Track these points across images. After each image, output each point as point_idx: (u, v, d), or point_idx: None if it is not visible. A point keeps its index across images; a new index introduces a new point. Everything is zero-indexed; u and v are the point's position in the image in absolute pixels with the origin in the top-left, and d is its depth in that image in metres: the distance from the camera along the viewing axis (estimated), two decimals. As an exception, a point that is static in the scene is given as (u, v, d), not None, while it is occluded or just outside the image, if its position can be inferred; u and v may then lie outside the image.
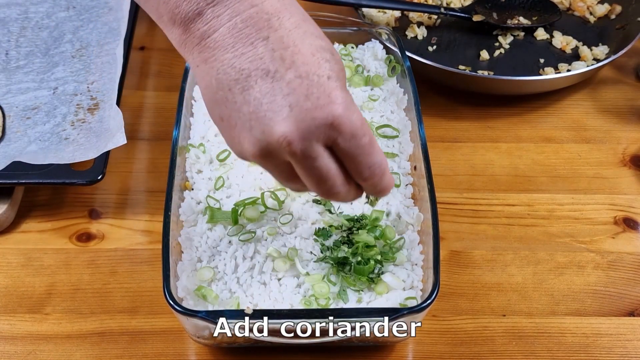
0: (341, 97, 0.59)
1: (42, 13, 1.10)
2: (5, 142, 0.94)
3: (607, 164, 1.00)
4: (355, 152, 0.61)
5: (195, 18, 0.60)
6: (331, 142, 0.60)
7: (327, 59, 0.60)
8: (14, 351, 0.80)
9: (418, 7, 1.12)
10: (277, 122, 0.58)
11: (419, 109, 0.87)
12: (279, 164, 0.62)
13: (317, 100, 0.58)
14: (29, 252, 0.89)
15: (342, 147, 0.60)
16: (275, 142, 0.59)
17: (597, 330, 0.83)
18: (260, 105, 0.59)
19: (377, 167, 0.63)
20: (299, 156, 0.59)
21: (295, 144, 0.58)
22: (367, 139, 0.61)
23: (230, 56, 0.59)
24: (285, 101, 0.58)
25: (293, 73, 0.59)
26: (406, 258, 0.78)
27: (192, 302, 0.74)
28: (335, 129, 0.59)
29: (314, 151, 0.60)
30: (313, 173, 0.61)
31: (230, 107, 0.60)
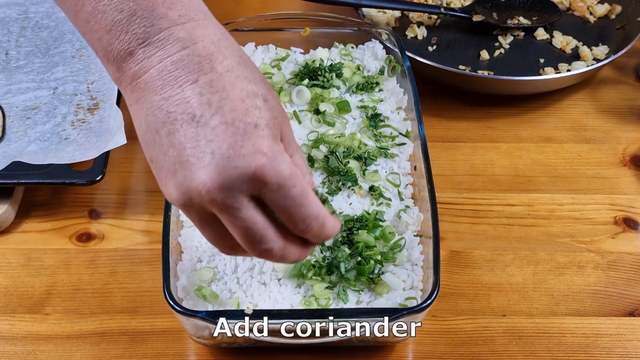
0: (267, 146, 0.57)
1: (42, 13, 1.10)
2: (5, 142, 0.94)
3: (607, 164, 1.00)
4: (285, 203, 0.58)
5: (127, 57, 0.59)
6: (257, 193, 0.57)
7: (258, 106, 0.58)
8: (14, 351, 0.80)
9: (418, 7, 1.12)
10: (198, 168, 0.56)
11: (419, 109, 0.87)
12: (203, 214, 0.59)
13: (241, 148, 0.56)
14: (29, 252, 0.89)
15: (269, 198, 0.58)
16: (195, 189, 0.56)
17: (597, 330, 0.83)
18: (184, 149, 0.57)
19: (312, 219, 0.59)
20: (219, 205, 0.57)
21: (215, 193, 0.56)
22: (297, 189, 0.58)
23: (158, 98, 0.58)
24: (208, 148, 0.56)
25: (218, 119, 0.56)
26: (406, 258, 0.78)
27: (192, 302, 0.74)
28: (258, 180, 0.56)
29: (237, 202, 0.57)
30: (237, 225, 0.58)
31: (157, 149, 0.58)
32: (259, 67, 0.96)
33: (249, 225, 0.58)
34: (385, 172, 0.86)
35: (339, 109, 0.90)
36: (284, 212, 0.59)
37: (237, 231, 0.58)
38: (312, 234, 0.60)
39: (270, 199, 0.58)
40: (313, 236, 0.61)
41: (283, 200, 0.58)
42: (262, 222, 0.59)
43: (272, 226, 0.59)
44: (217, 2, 1.25)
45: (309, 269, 0.75)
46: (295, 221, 0.59)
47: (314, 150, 0.86)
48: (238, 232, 0.58)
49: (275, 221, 0.60)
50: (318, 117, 0.89)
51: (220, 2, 1.22)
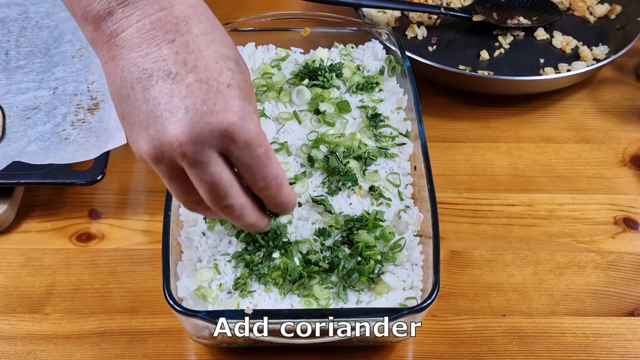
0: (238, 105, 0.60)
1: (42, 13, 1.10)
2: (5, 142, 0.94)
3: (607, 164, 1.00)
4: (250, 161, 0.62)
5: (105, 17, 0.61)
6: (225, 150, 0.60)
7: (230, 68, 0.61)
8: (14, 351, 0.80)
9: (418, 7, 1.12)
10: (171, 122, 0.59)
11: (419, 109, 0.87)
12: (172, 167, 0.61)
13: (214, 105, 0.59)
14: (29, 252, 0.89)
15: (236, 155, 0.61)
16: (167, 142, 0.59)
17: (597, 330, 0.83)
18: (158, 105, 0.59)
19: (272, 179, 0.63)
20: (190, 159, 0.60)
21: (187, 146, 0.59)
22: (262, 149, 0.61)
23: (135, 55, 0.60)
24: (182, 103, 0.59)
25: (193, 77, 0.59)
26: (406, 258, 0.78)
27: (192, 302, 0.74)
28: (229, 136, 0.59)
29: (206, 156, 0.60)
30: (205, 179, 0.61)
31: (131, 104, 0.61)
32: (259, 67, 0.96)
33: (215, 181, 0.61)
34: (385, 172, 0.86)
35: (339, 109, 0.90)
36: (247, 170, 0.62)
37: (203, 186, 0.62)
38: (269, 192, 0.64)
39: (237, 156, 0.61)
40: (270, 196, 0.65)
41: (249, 158, 0.61)
42: (228, 179, 0.62)
43: (236, 183, 0.63)
44: (217, 2, 1.25)
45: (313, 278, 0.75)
46: (256, 179, 0.63)
47: (314, 150, 0.86)
48: (204, 187, 0.62)
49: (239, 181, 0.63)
50: (318, 117, 0.89)
51: (221, 2, 1.22)
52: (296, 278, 0.75)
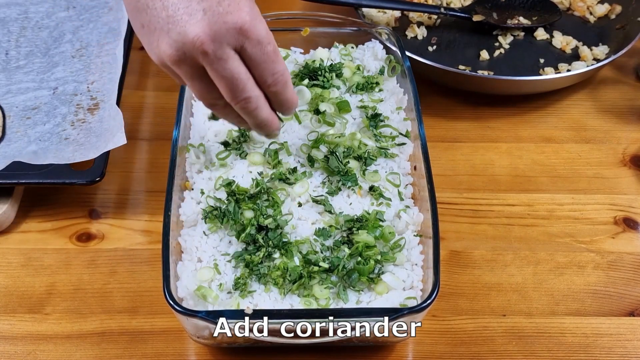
0: (248, 6, 0.67)
1: (42, 13, 1.10)
2: (5, 142, 0.94)
3: (607, 164, 1.00)
4: (261, 57, 0.68)
5: None
6: (239, 47, 0.67)
7: None
8: (14, 351, 0.80)
9: (418, 7, 1.12)
10: (191, 24, 0.65)
11: (419, 109, 0.87)
12: (193, 67, 0.68)
13: (228, 6, 0.66)
14: (29, 252, 0.89)
15: (249, 52, 0.67)
16: (189, 42, 0.65)
17: (597, 330, 0.83)
18: (177, 10, 0.65)
19: (279, 75, 0.70)
20: (211, 56, 0.66)
21: (208, 44, 0.65)
22: (271, 47, 0.68)
23: None
24: (199, 6, 0.65)
25: None
26: (406, 258, 0.78)
27: (192, 302, 0.74)
28: (243, 33, 0.66)
29: (225, 53, 0.66)
30: (225, 74, 0.67)
31: (150, 13, 0.67)
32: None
33: (234, 74, 0.68)
34: (385, 172, 0.86)
35: (339, 109, 0.90)
36: (258, 66, 0.69)
37: (223, 81, 0.68)
38: (277, 88, 0.71)
39: (250, 53, 0.68)
40: (277, 92, 0.72)
41: (259, 55, 0.68)
42: (245, 72, 0.69)
43: (251, 78, 0.69)
44: (217, 2, 1.25)
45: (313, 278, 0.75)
46: (266, 75, 0.70)
47: (314, 150, 0.86)
48: (224, 82, 0.68)
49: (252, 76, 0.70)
50: (318, 117, 0.89)
51: (220, 2, 1.22)
52: (296, 278, 0.75)
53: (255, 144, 0.87)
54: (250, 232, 0.78)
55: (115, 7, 1.10)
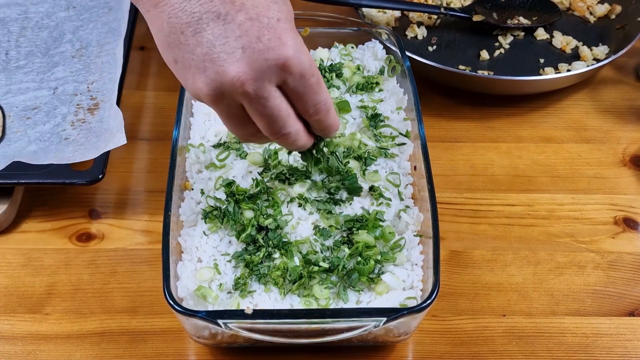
0: (291, 39, 0.62)
1: (42, 13, 1.10)
2: (5, 142, 0.94)
3: (607, 164, 1.00)
4: (303, 90, 0.65)
5: None
6: (281, 82, 0.63)
7: (276, 1, 0.63)
8: (14, 351, 0.80)
9: (418, 7, 1.12)
10: (230, 63, 0.61)
11: (419, 109, 0.87)
12: (231, 106, 0.64)
13: (269, 42, 0.61)
14: (29, 252, 0.89)
15: (291, 86, 0.64)
16: (229, 82, 0.61)
17: (597, 330, 0.83)
18: (214, 47, 0.61)
19: (322, 105, 0.67)
20: (252, 96, 0.62)
21: (248, 85, 0.62)
22: (314, 78, 0.65)
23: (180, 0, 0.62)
24: (237, 43, 0.61)
25: (244, 15, 0.61)
26: (406, 258, 0.78)
27: (192, 302, 0.74)
28: (285, 69, 0.62)
29: (266, 91, 0.63)
30: (265, 112, 0.64)
31: (183, 49, 0.63)
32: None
33: (275, 113, 0.65)
34: (385, 172, 0.86)
35: (339, 109, 0.90)
36: (300, 98, 0.65)
37: (263, 119, 0.65)
38: (319, 117, 0.68)
39: (292, 87, 0.64)
40: (319, 120, 0.69)
41: (302, 88, 0.65)
42: (285, 109, 0.66)
43: (292, 112, 0.66)
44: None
45: (313, 278, 0.75)
46: (308, 106, 0.66)
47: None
48: (264, 120, 0.65)
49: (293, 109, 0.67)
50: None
51: (220, 2, 1.22)
52: (296, 278, 0.75)
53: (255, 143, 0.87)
54: (250, 233, 0.78)
55: (115, 7, 1.10)
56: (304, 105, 0.66)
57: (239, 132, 0.69)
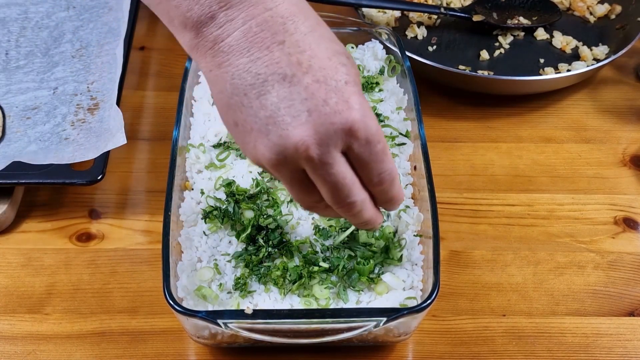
0: (359, 102, 0.59)
1: (42, 13, 1.10)
2: (5, 142, 0.94)
3: (607, 164, 1.00)
4: (369, 158, 0.61)
5: (207, 22, 0.59)
6: (346, 147, 0.60)
7: (344, 63, 0.60)
8: (14, 351, 0.80)
9: (418, 7, 1.12)
10: (295, 126, 0.58)
11: (419, 109, 0.87)
12: (294, 171, 0.61)
13: (336, 105, 0.58)
14: (29, 252, 0.89)
15: (356, 152, 0.60)
16: (292, 146, 0.58)
17: (597, 330, 0.83)
18: (278, 110, 0.58)
19: (387, 174, 0.63)
20: (316, 162, 0.59)
21: (313, 149, 0.58)
22: (380, 145, 0.61)
23: (245, 61, 0.59)
24: (303, 106, 0.58)
25: (310, 77, 0.58)
26: (406, 258, 0.78)
27: (192, 302, 0.74)
28: (352, 134, 0.59)
29: (331, 157, 0.59)
30: (330, 180, 0.61)
31: (245, 112, 0.60)
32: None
33: (339, 180, 0.61)
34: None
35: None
36: (365, 166, 0.62)
37: (327, 186, 0.61)
38: (382, 187, 0.64)
39: (357, 153, 0.60)
40: (382, 191, 0.64)
41: (367, 155, 0.61)
42: (351, 177, 0.62)
43: (357, 181, 0.62)
44: (217, 2, 1.25)
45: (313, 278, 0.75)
46: (372, 175, 0.62)
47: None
48: (328, 187, 0.61)
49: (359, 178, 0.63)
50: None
51: (220, 2, 1.22)
52: (296, 278, 0.75)
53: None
54: (251, 233, 0.78)
55: (115, 7, 1.10)
56: (369, 173, 0.62)
57: (301, 198, 0.65)
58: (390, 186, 0.64)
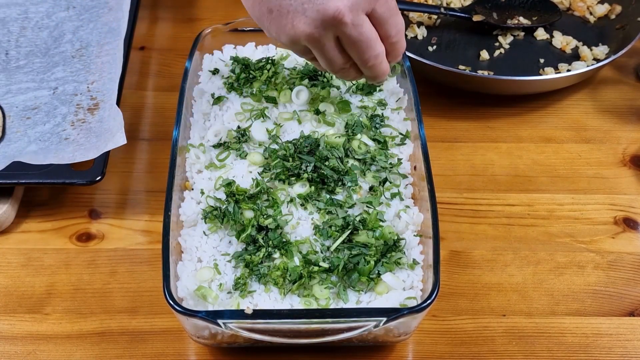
0: None
1: (42, 13, 1.10)
2: (5, 142, 0.94)
3: (607, 164, 1.00)
4: (388, 14, 0.75)
5: None
6: (370, 9, 0.73)
7: None
8: (14, 351, 0.80)
9: (418, 7, 1.12)
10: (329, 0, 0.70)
11: (419, 109, 0.87)
12: (330, 39, 0.73)
13: None
14: (29, 252, 0.89)
15: (378, 12, 0.74)
16: (330, 17, 0.70)
17: (597, 330, 0.83)
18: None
19: (401, 25, 0.78)
20: (349, 26, 0.72)
21: (347, 15, 0.71)
22: (394, 2, 0.76)
23: None
24: None
25: None
26: (406, 258, 0.78)
27: (192, 302, 0.74)
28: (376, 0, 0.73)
29: (361, 19, 0.72)
30: (361, 38, 0.73)
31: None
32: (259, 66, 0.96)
33: (369, 36, 0.74)
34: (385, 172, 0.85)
35: (339, 109, 0.90)
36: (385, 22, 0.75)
37: (357, 45, 0.74)
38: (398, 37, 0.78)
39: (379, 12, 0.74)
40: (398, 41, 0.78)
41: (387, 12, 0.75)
42: (375, 32, 0.75)
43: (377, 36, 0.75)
44: (218, 2, 1.25)
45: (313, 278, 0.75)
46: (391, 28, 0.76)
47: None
48: (357, 45, 0.74)
49: None
50: (318, 117, 0.89)
51: (221, 2, 1.22)
52: (296, 278, 0.75)
53: (255, 143, 0.87)
54: (251, 233, 0.78)
55: (115, 7, 1.10)
56: (389, 28, 0.76)
57: (336, 63, 0.77)
58: (402, 36, 0.79)
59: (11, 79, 1.01)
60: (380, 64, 0.78)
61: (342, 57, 0.77)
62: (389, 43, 0.78)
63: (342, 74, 0.80)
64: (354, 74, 0.81)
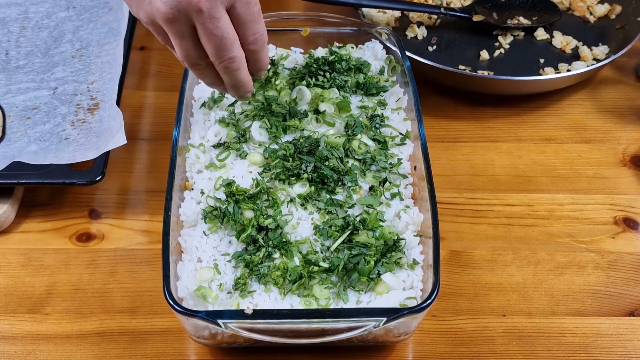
0: None
1: (42, 13, 1.10)
2: (5, 142, 0.94)
3: (607, 164, 1.00)
4: (247, 17, 0.73)
5: None
6: (230, 6, 0.71)
7: None
8: (14, 351, 0.80)
9: (418, 7, 1.12)
10: None
11: (419, 109, 0.87)
12: (185, 26, 0.71)
13: None
14: (29, 252, 0.89)
15: (237, 11, 0.72)
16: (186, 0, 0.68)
17: (597, 330, 0.83)
18: None
19: (260, 35, 0.75)
20: (205, 14, 0.69)
21: (204, 2, 0.69)
22: (257, 7, 0.73)
23: None
24: None
25: None
26: (406, 258, 0.78)
27: (192, 302, 0.74)
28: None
29: (219, 11, 0.70)
30: (216, 33, 0.71)
31: None
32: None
33: (224, 34, 0.72)
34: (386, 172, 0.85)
35: (339, 109, 0.90)
36: (243, 25, 0.73)
37: (212, 40, 0.72)
38: (256, 46, 0.76)
39: (238, 12, 0.72)
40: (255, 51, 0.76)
41: (246, 14, 0.73)
42: (233, 33, 0.73)
43: (237, 39, 0.73)
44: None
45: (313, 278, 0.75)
46: (248, 34, 0.74)
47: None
48: (213, 40, 0.72)
49: None
50: (318, 117, 0.89)
51: (220, 2, 1.22)
52: (296, 278, 0.75)
53: (255, 143, 0.87)
54: (251, 233, 0.78)
55: (115, 7, 1.10)
56: (246, 32, 0.74)
57: (188, 55, 0.74)
58: (261, 47, 0.76)
59: (11, 79, 1.01)
60: (238, 70, 0.76)
61: (197, 51, 0.74)
62: (248, 49, 0.76)
63: (199, 71, 0.78)
64: (211, 77, 0.78)
